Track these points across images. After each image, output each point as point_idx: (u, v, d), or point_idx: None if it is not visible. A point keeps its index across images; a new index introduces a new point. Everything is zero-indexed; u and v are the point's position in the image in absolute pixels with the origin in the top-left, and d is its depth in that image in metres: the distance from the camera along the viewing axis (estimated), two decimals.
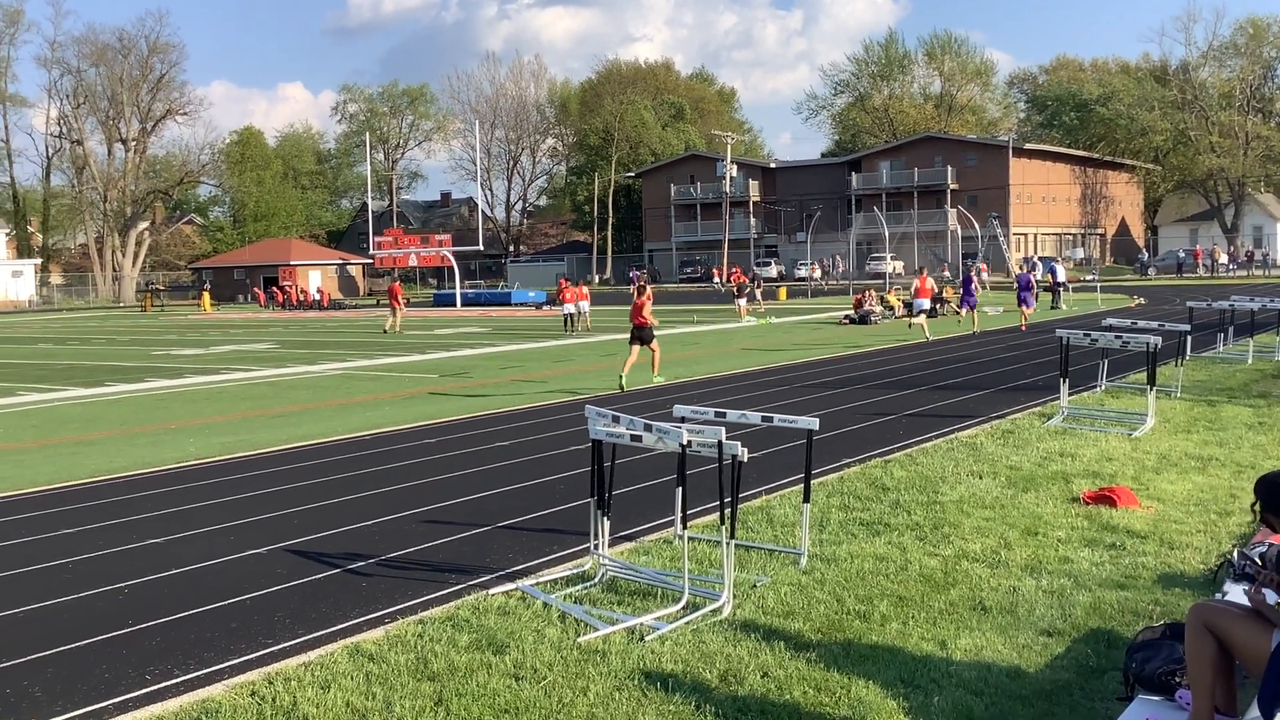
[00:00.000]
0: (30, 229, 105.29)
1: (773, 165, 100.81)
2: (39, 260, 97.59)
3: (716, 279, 79.45)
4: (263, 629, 7.02)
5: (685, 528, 7.36)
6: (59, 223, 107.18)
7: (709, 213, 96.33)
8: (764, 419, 8.42)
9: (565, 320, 37.14)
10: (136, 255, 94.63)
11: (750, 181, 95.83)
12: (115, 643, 6.85)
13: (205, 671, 6.30)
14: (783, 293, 61.37)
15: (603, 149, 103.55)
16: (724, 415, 8.50)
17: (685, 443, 7.11)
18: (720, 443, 7.14)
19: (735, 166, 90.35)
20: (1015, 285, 35.77)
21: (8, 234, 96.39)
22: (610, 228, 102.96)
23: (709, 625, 6.76)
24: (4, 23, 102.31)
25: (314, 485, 11.67)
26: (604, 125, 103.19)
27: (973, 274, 35.97)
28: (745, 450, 7.20)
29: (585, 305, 38.98)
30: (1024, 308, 32.17)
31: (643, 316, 20.20)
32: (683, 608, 7.03)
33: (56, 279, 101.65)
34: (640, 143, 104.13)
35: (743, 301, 41.88)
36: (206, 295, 72.98)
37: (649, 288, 21.72)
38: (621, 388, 19.28)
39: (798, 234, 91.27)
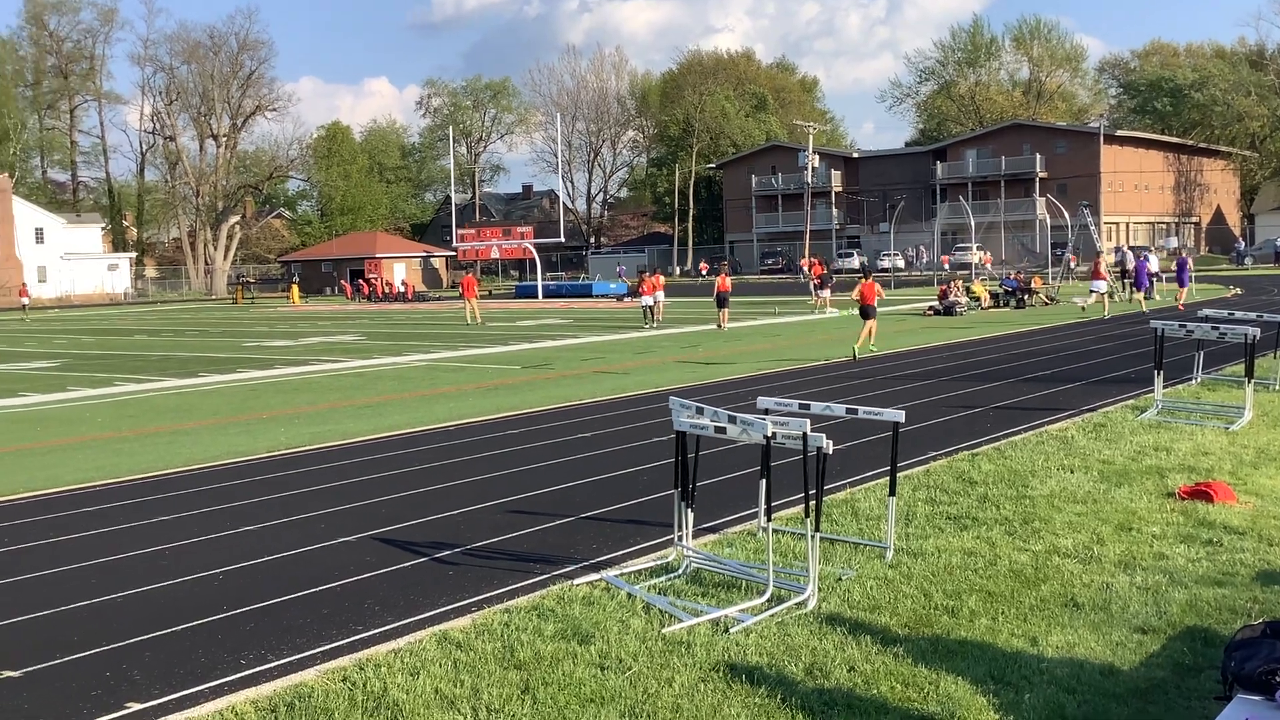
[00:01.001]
0: (125, 223, 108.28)
1: (855, 155, 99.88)
2: (134, 254, 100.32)
3: (805, 269, 78.87)
4: (353, 615, 7.14)
5: (769, 520, 7.33)
6: (153, 217, 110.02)
7: (790, 203, 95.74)
8: (848, 411, 8.35)
9: (645, 312, 36.55)
10: (227, 249, 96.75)
11: (832, 171, 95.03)
12: (211, 627, 7.01)
13: (298, 657, 6.43)
14: None
15: (683, 140, 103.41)
16: (808, 407, 8.44)
17: (770, 435, 7.08)
18: (805, 435, 7.09)
19: (817, 156, 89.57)
20: (1175, 268, 37.86)
21: (104, 228, 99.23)
22: (691, 219, 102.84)
23: (794, 618, 6.73)
24: (99, 21, 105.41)
25: (401, 474, 11.84)
26: (684, 116, 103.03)
27: (1144, 259, 36.60)
28: (830, 442, 7.14)
29: (660, 295, 39.33)
30: (1181, 289, 34.59)
31: (869, 296, 23.47)
32: (767, 600, 7.01)
33: (151, 272, 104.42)
34: (721, 134, 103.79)
35: (826, 293, 41.59)
36: (295, 288, 74.34)
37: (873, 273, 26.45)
38: (854, 357, 22.51)
39: (881, 224, 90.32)
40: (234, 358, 28.41)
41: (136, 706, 5.77)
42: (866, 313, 23.32)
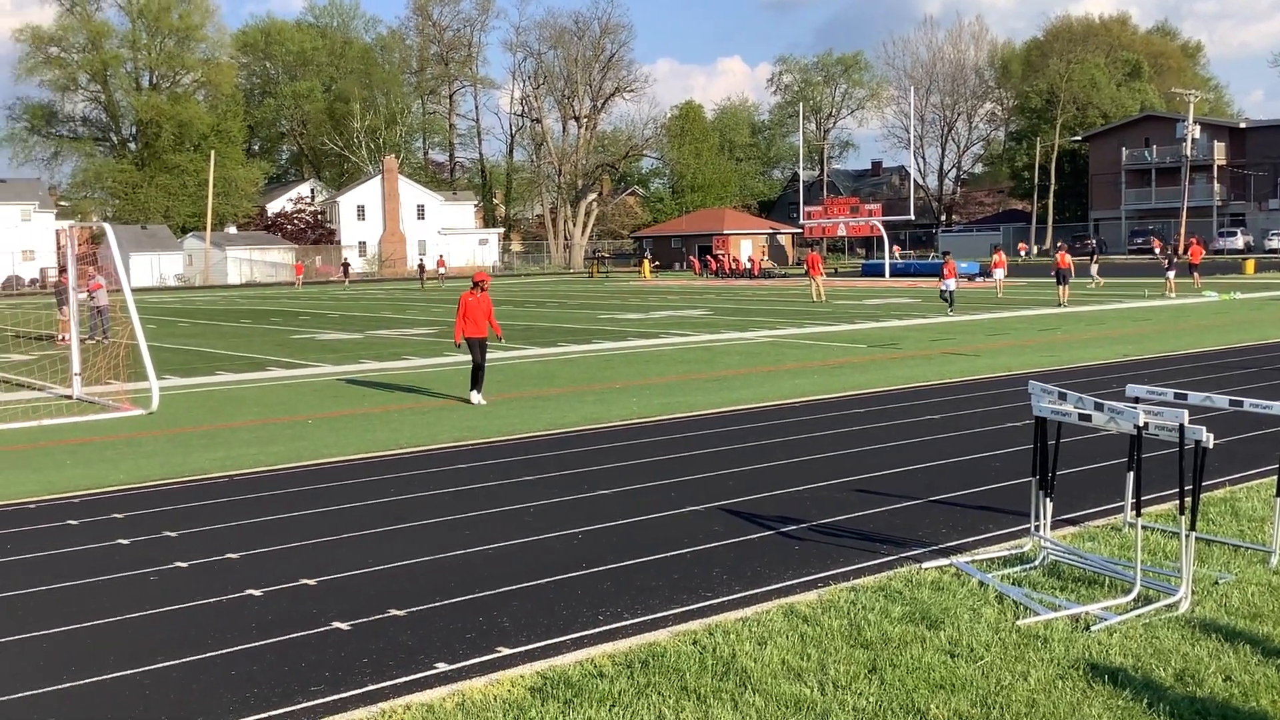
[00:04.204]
0: (495, 201, 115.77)
1: (1242, 125, 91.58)
2: (502, 229, 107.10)
3: (1156, 250, 73.48)
4: (702, 582, 7.34)
5: (1138, 515, 6.88)
6: (519, 195, 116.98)
7: (1165, 178, 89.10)
8: (1232, 403, 7.70)
9: (943, 296, 32.27)
10: (585, 225, 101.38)
11: (1215, 143, 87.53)
12: (571, 583, 7.41)
13: (651, 617, 6.68)
14: (1250, 266, 55.74)
15: (1046, 112, 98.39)
16: (1184, 397, 7.87)
17: (1141, 425, 6.65)
18: (1182, 426, 6.61)
19: (1197, 127, 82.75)
20: None
21: (476, 205, 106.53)
22: (1051, 195, 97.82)
23: (1162, 620, 6.31)
24: (477, 10, 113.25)
25: (747, 448, 12.03)
26: (1048, 87, 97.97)
27: None
28: (1210, 436, 6.61)
29: (1000, 274, 40.92)
30: None
31: None
32: (1133, 599, 6.61)
33: (516, 246, 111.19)
34: (1089, 104, 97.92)
35: (1172, 275, 38.62)
36: (647, 263, 76.84)
37: None
38: None
39: (1270, 200, 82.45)
40: (589, 329, 29.77)
41: (505, 651, 6.19)
42: None
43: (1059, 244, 42.49)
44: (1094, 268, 46.94)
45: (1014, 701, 5.30)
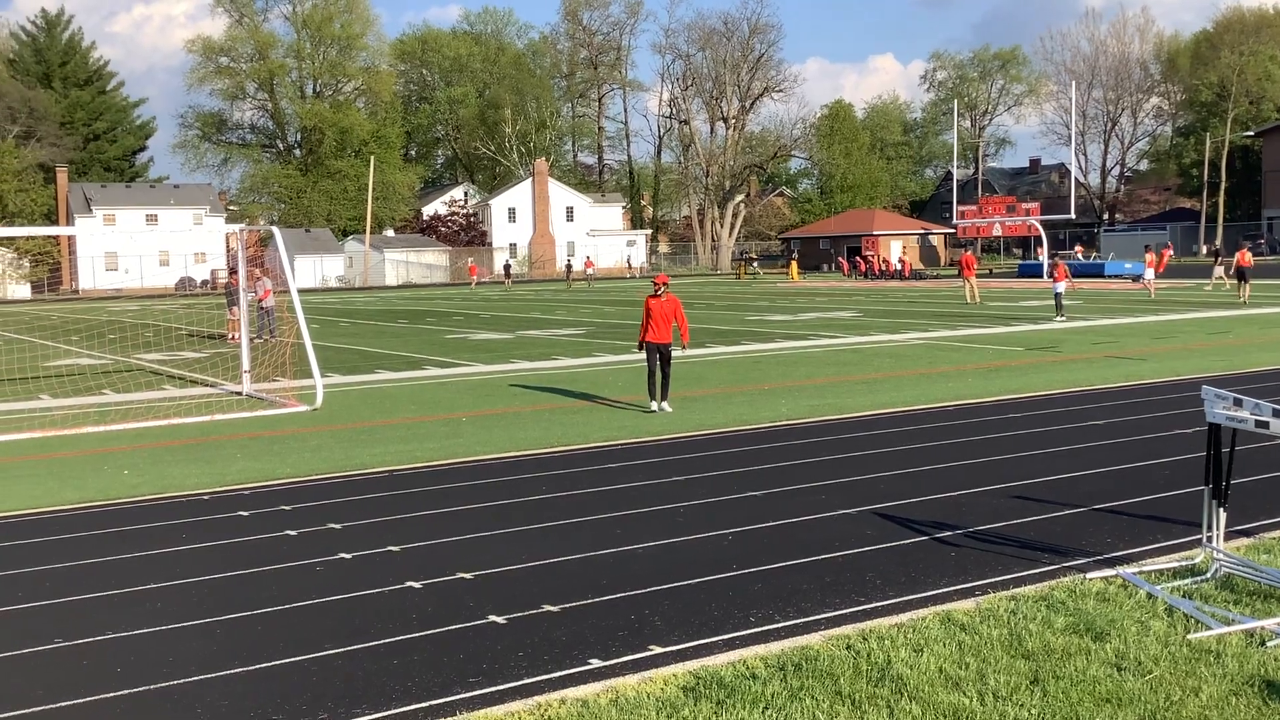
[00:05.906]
0: (643, 202, 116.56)
1: None
2: (649, 231, 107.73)
3: None
4: (854, 587, 7.25)
5: None
6: (666, 196, 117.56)
7: None
8: None
9: (1056, 301, 30.15)
10: (732, 226, 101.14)
11: None
12: (722, 584, 7.41)
13: (803, 620, 6.63)
14: None
15: (1216, 106, 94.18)
16: None
17: None
18: None
19: None
20: None
21: (624, 207, 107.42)
22: (1222, 193, 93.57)
23: None
24: (626, 14, 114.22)
25: (899, 452, 11.83)
26: (1219, 80, 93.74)
27: None
28: None
29: (1150, 274, 40.69)
30: None
31: None
32: None
33: (663, 248, 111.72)
34: (1263, 98, 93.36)
35: None
36: (794, 264, 76.28)
37: None
38: None
39: None
40: (737, 330, 29.70)
41: (657, 649, 6.23)
42: None
43: (1240, 241, 41.41)
44: (1219, 269, 46.43)
45: (1184, 718, 5.09)
